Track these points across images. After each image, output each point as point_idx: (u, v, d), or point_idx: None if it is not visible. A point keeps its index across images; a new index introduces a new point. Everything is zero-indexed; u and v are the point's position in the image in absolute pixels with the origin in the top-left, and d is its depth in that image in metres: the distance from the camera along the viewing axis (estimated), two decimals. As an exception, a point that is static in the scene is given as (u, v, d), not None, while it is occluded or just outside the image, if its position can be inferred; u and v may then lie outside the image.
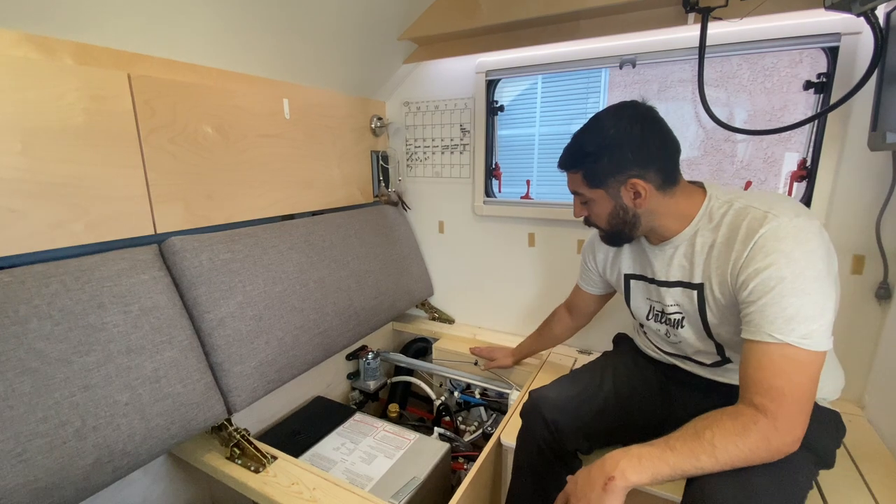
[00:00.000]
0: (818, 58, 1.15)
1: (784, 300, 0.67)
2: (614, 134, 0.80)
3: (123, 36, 0.93)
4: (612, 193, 0.83)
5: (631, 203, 0.83)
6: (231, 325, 1.03)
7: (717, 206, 0.81)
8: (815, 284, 0.67)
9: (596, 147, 0.82)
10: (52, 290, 0.80)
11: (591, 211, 0.89)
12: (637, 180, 0.80)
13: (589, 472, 0.70)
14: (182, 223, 1.08)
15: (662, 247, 0.88)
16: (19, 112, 0.79)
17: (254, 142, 1.23)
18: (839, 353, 0.91)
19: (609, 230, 0.89)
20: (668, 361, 1.00)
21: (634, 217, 0.85)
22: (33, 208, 0.83)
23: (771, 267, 0.69)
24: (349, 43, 1.39)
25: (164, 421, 0.88)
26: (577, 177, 0.87)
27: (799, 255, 0.68)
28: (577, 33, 1.29)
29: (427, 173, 1.76)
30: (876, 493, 0.87)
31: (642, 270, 0.96)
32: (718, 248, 0.78)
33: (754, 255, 0.71)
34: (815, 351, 0.66)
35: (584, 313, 1.23)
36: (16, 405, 0.71)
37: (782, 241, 0.69)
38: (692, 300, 0.84)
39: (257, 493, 0.92)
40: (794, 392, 0.65)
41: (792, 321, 0.66)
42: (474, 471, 0.98)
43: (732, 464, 0.65)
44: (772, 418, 0.65)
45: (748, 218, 0.74)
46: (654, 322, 0.96)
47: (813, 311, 0.66)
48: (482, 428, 1.42)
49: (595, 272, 1.11)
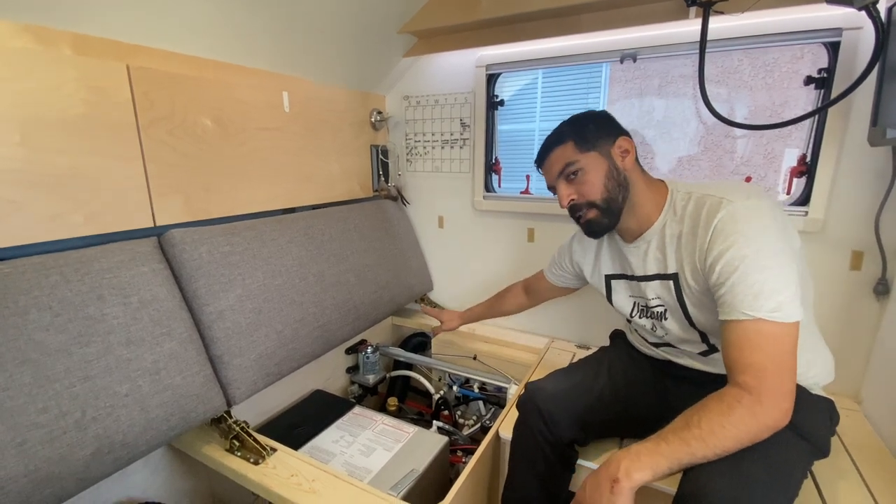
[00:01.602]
0: (819, 53, 1.14)
1: (749, 277, 0.70)
2: (592, 113, 0.92)
3: (122, 27, 0.93)
4: (604, 153, 0.87)
5: (621, 162, 0.87)
6: (230, 317, 1.03)
7: (679, 198, 0.86)
8: (774, 259, 0.70)
9: (581, 121, 0.91)
10: (51, 282, 0.80)
11: (583, 182, 0.88)
12: (624, 137, 0.88)
13: (596, 478, 0.71)
14: (181, 216, 1.08)
15: (637, 244, 0.92)
16: (18, 102, 0.79)
17: (253, 135, 1.23)
18: (836, 349, 0.91)
19: (605, 198, 0.87)
20: (661, 357, 1.01)
21: (626, 181, 0.88)
22: (32, 199, 0.83)
23: (732, 248, 0.72)
24: (349, 36, 1.38)
25: (163, 412, 0.88)
26: (566, 148, 0.89)
27: (755, 234, 0.72)
28: (579, 27, 1.29)
29: (427, 168, 1.76)
30: (872, 487, 0.87)
31: (622, 269, 1.00)
32: (685, 238, 0.82)
33: (715, 239, 0.75)
34: (787, 322, 0.68)
35: (541, 298, 1.31)
36: (16, 395, 0.71)
37: (738, 223, 0.73)
38: (670, 290, 0.88)
39: (257, 484, 0.93)
40: (773, 365, 0.67)
41: (760, 296, 0.69)
42: (472, 464, 0.98)
43: (724, 446, 0.66)
44: (756, 394, 0.66)
45: (707, 206, 0.79)
46: (639, 318, 0.99)
47: (777, 283, 0.69)
48: (481, 422, 1.43)
49: (570, 273, 1.16)
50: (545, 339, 1.60)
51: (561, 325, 1.59)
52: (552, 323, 1.61)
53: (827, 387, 0.89)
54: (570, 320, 1.56)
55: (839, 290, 1.16)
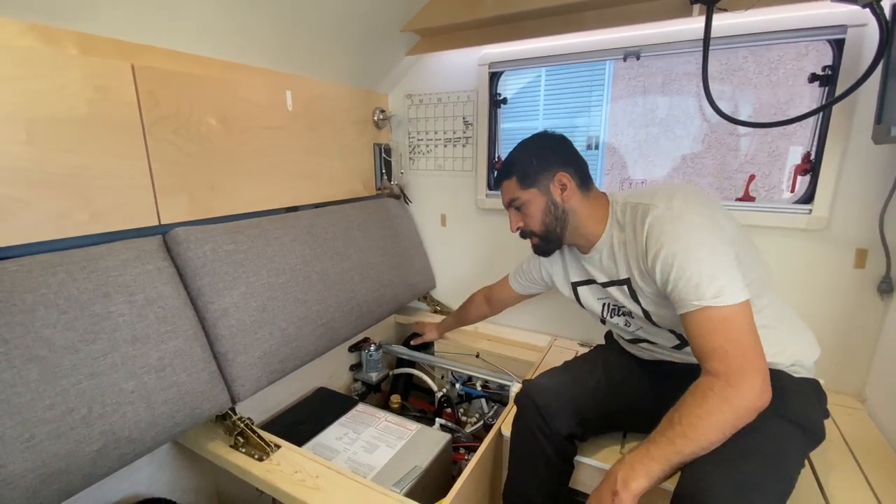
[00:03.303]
0: (824, 51, 1.14)
1: (685, 271, 0.74)
2: (538, 144, 0.99)
3: (127, 26, 0.94)
4: (543, 189, 0.95)
5: (559, 197, 0.94)
6: (235, 315, 1.04)
7: (620, 209, 0.91)
8: (703, 249, 0.75)
9: (525, 155, 0.98)
10: (58, 280, 0.81)
11: (526, 214, 0.98)
12: (562, 173, 0.93)
13: (598, 492, 0.73)
14: (186, 214, 1.08)
15: (591, 254, 0.98)
16: (24, 102, 0.80)
17: (257, 133, 1.23)
18: (839, 347, 0.91)
19: (543, 231, 0.97)
20: (645, 357, 1.03)
21: (564, 213, 0.95)
22: (38, 198, 0.83)
23: (663, 248, 0.77)
24: (352, 34, 1.39)
25: (169, 409, 0.89)
26: (511, 183, 0.98)
27: (680, 232, 0.77)
28: (582, 25, 1.28)
29: (429, 166, 1.76)
30: (875, 487, 0.87)
31: (586, 276, 1.04)
32: (629, 245, 0.87)
33: (648, 243, 0.80)
34: (733, 304, 0.70)
35: (503, 307, 1.39)
36: (23, 392, 0.72)
37: (664, 225, 0.79)
38: (626, 294, 0.92)
39: (261, 480, 0.94)
40: (733, 346, 0.69)
41: (700, 286, 0.72)
42: (475, 461, 0.99)
43: (708, 438, 0.66)
44: (724, 377, 0.68)
45: (639, 213, 0.84)
46: (611, 317, 1.03)
47: (712, 270, 0.72)
48: (483, 419, 1.43)
49: (540, 283, 1.21)
50: (548, 337, 1.60)
51: (563, 323, 1.59)
52: (555, 321, 1.61)
53: (827, 381, 0.88)
54: (573, 318, 1.56)
55: (843, 288, 1.16)
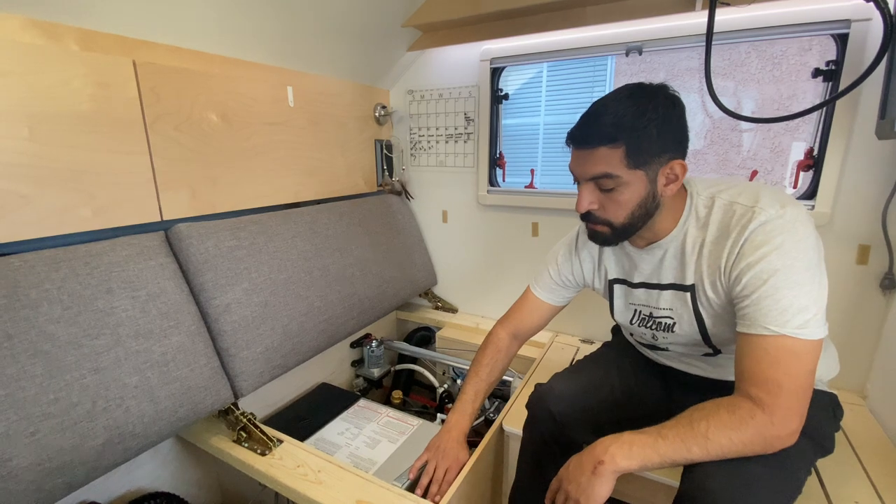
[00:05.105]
0: (828, 45, 1.13)
1: (778, 292, 0.66)
2: (663, 110, 0.72)
3: (129, 22, 0.94)
4: (651, 176, 0.74)
5: (662, 189, 0.76)
6: (237, 311, 1.05)
7: (702, 203, 0.79)
8: (806, 274, 0.67)
9: (645, 120, 0.71)
10: (61, 275, 0.81)
11: (613, 199, 0.76)
12: (680, 162, 0.74)
13: (580, 458, 0.72)
14: (188, 210, 1.09)
15: (650, 249, 0.84)
16: (26, 98, 0.80)
17: (258, 129, 1.23)
18: (841, 343, 0.91)
19: (626, 223, 0.78)
20: (661, 362, 0.98)
21: (655, 207, 0.78)
22: (41, 194, 0.84)
23: (763, 260, 0.68)
24: (353, 29, 1.38)
25: (172, 404, 0.90)
26: (614, 153, 0.72)
27: (790, 247, 0.67)
28: (584, 20, 1.28)
29: (431, 162, 1.76)
30: (876, 483, 0.87)
31: (626, 275, 0.93)
32: (709, 247, 0.76)
33: (745, 251, 0.70)
34: (811, 340, 0.65)
35: (533, 334, 1.10)
36: (28, 386, 0.73)
37: (772, 235, 0.69)
38: (686, 302, 0.82)
39: (263, 475, 0.94)
40: (791, 384, 0.65)
41: (786, 312, 0.66)
42: (476, 456, 0.99)
43: (724, 455, 0.65)
44: (769, 413, 0.64)
45: (736, 215, 0.73)
46: (638, 326, 0.93)
47: (807, 300, 0.66)
48: (484, 415, 1.43)
49: (574, 283, 1.02)
50: (549, 333, 1.60)
51: (565, 319, 1.58)
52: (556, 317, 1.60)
53: (832, 381, 0.88)
54: (574, 315, 1.55)
55: (845, 284, 1.16)
